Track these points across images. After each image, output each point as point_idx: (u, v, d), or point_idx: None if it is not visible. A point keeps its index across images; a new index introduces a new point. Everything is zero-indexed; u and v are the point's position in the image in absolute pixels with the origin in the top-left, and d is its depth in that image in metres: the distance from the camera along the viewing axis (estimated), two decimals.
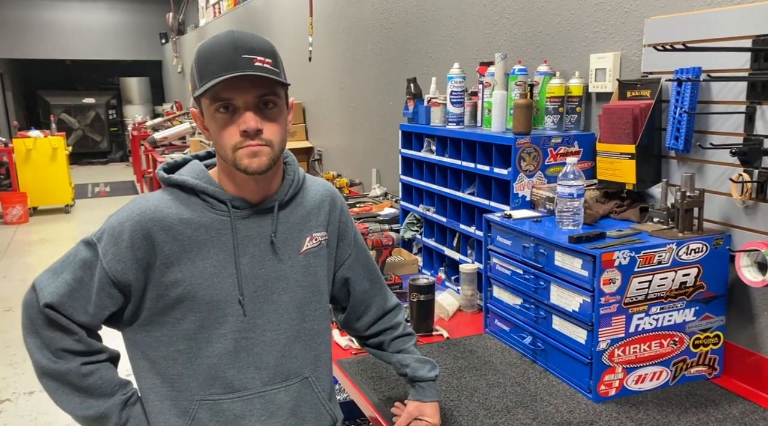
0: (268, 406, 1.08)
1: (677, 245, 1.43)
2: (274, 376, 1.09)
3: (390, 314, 1.31)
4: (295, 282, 1.11)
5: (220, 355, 1.05)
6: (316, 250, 1.15)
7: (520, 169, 1.84)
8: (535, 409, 1.40)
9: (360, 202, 3.11)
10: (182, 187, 1.07)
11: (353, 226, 1.26)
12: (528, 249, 1.62)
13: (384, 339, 1.31)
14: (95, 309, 1.05)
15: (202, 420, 1.05)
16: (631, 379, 1.45)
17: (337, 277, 1.24)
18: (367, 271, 1.27)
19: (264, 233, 1.08)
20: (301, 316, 1.12)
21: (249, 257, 1.07)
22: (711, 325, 1.51)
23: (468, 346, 1.74)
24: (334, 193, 1.22)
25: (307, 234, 1.14)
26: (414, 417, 1.31)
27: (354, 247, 1.24)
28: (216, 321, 1.05)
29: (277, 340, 1.09)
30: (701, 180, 1.54)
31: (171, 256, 1.03)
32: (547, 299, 1.56)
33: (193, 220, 1.04)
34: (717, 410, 1.37)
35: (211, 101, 1.01)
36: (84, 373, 1.06)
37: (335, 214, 1.20)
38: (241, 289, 1.05)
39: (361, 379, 1.55)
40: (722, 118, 1.47)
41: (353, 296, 1.26)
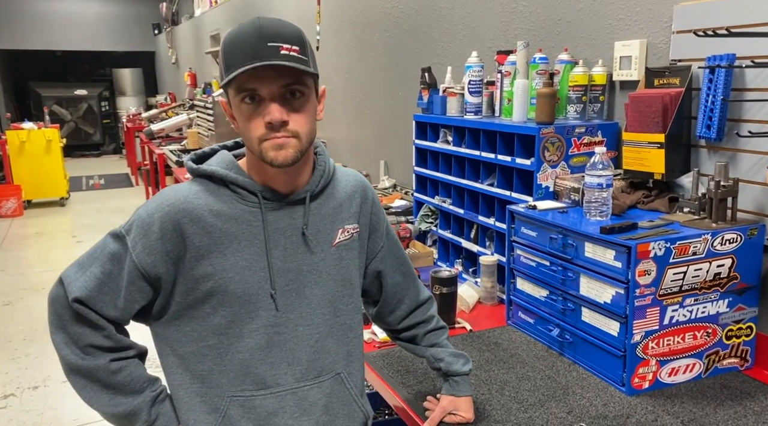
0: (300, 403, 1.05)
1: (712, 236, 1.41)
2: (306, 372, 1.06)
3: (423, 307, 1.28)
4: (328, 275, 1.08)
5: (252, 350, 1.02)
6: (348, 242, 1.11)
7: (544, 160, 1.81)
8: (568, 402, 1.37)
9: None
10: (212, 178, 1.03)
11: (385, 218, 1.23)
12: (555, 240, 1.59)
13: (417, 333, 1.28)
14: (125, 303, 1.01)
15: (233, 417, 1.02)
16: (664, 371, 1.43)
17: (369, 270, 1.21)
18: (399, 264, 1.24)
19: (295, 225, 1.05)
20: (333, 310, 1.09)
21: (281, 250, 1.03)
22: (744, 317, 1.49)
23: (492, 339, 1.71)
24: (366, 184, 1.18)
25: (339, 226, 1.10)
26: (448, 411, 1.29)
27: (386, 239, 1.21)
28: (247, 315, 1.02)
29: (309, 335, 1.06)
30: (734, 169, 1.51)
31: (201, 248, 1.00)
32: (576, 291, 1.53)
33: (223, 211, 1.01)
34: (754, 402, 1.35)
35: (236, 92, 0.97)
36: (113, 370, 1.03)
37: (367, 205, 1.17)
38: (273, 283, 1.02)
39: (388, 373, 1.52)
40: (757, 105, 1.44)
41: (385, 290, 1.23)
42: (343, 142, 4.08)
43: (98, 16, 12.20)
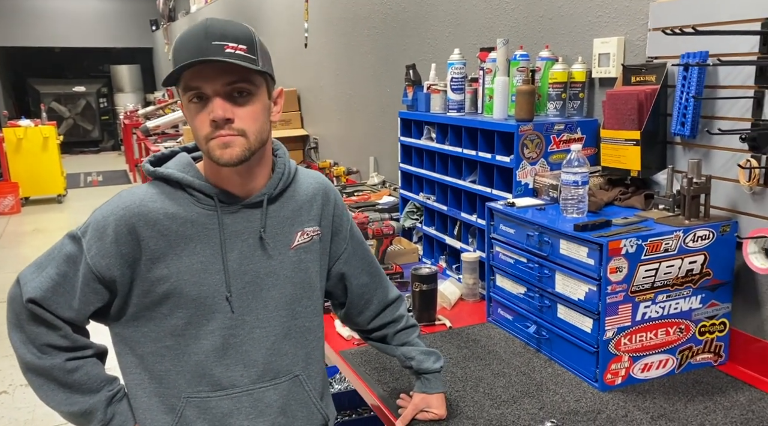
0: (256, 405, 1.05)
1: (684, 232, 1.42)
2: (262, 374, 1.06)
3: (392, 307, 1.28)
4: (285, 278, 1.08)
5: (208, 352, 1.03)
6: (308, 245, 1.11)
7: (523, 157, 1.82)
8: (541, 398, 1.39)
9: (358, 190, 3.09)
10: (168, 181, 1.04)
11: (349, 219, 1.22)
12: (532, 237, 1.60)
13: (387, 332, 1.29)
14: (80, 304, 1.02)
15: (189, 417, 1.03)
16: (637, 367, 1.44)
17: (332, 272, 1.21)
18: (365, 265, 1.24)
19: (253, 228, 1.05)
20: (291, 313, 1.09)
21: (237, 253, 1.04)
22: (717, 313, 1.50)
23: (471, 336, 1.73)
24: (328, 186, 1.18)
25: (298, 229, 1.10)
26: (420, 409, 1.30)
27: (350, 241, 1.21)
28: (203, 317, 1.03)
29: (266, 337, 1.06)
30: (707, 166, 1.52)
31: (157, 251, 1.00)
32: (552, 288, 1.54)
33: (179, 214, 1.01)
34: (724, 398, 1.37)
35: (183, 91, 0.98)
36: (69, 369, 1.04)
37: (329, 208, 1.16)
38: (228, 285, 1.02)
39: (365, 370, 1.53)
40: (729, 103, 1.45)
41: (351, 291, 1.23)
42: (333, 138, 4.09)
43: (96, 13, 12.19)
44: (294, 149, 4.42)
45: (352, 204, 2.78)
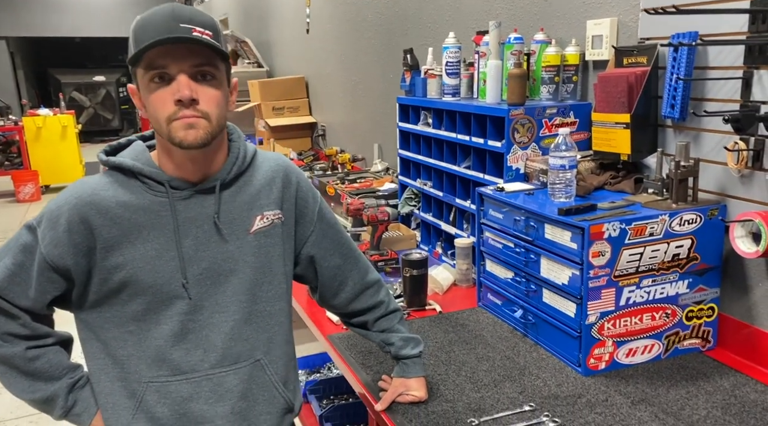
0: (216, 389, 1.07)
1: (670, 216, 1.40)
2: (222, 358, 1.07)
3: (370, 290, 1.28)
4: (245, 263, 1.08)
5: (167, 337, 1.04)
6: (268, 229, 1.11)
7: (514, 141, 1.81)
8: (522, 382, 1.39)
9: (361, 177, 3.09)
10: (121, 169, 1.04)
11: (316, 200, 1.21)
12: (519, 222, 1.59)
13: (367, 319, 1.29)
14: (36, 293, 1.04)
15: (149, 402, 1.05)
16: (621, 352, 1.43)
17: (301, 255, 1.20)
18: (337, 246, 1.23)
19: (207, 214, 1.05)
20: (252, 297, 1.09)
21: (192, 239, 1.04)
22: (705, 298, 1.48)
23: (460, 320, 1.73)
24: (289, 168, 1.17)
25: (256, 213, 1.10)
26: (399, 392, 1.31)
27: (318, 223, 1.20)
28: (162, 304, 1.04)
29: (225, 322, 1.07)
30: (697, 149, 1.49)
31: (110, 240, 1.01)
32: (538, 272, 1.54)
33: (131, 202, 1.02)
34: (708, 383, 1.35)
35: (146, 70, 0.96)
36: (30, 357, 1.06)
37: (290, 190, 1.15)
38: (184, 272, 1.03)
39: (351, 354, 1.55)
40: (719, 84, 1.42)
41: (322, 274, 1.23)
42: (340, 125, 4.10)
43: (116, 3, 12.29)
44: (302, 137, 4.44)
45: (353, 191, 2.79)
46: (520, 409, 1.28)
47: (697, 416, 1.23)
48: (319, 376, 2.36)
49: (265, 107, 4.42)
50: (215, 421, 1.07)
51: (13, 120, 7.69)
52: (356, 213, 2.22)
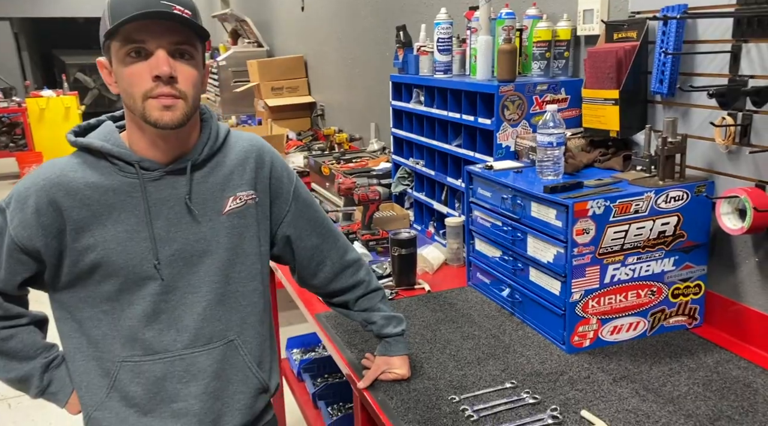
0: (189, 369, 1.07)
1: (656, 194, 1.38)
2: (195, 338, 1.08)
3: (350, 270, 1.28)
4: (218, 244, 1.08)
5: (139, 317, 1.04)
6: (242, 210, 1.10)
7: (504, 119, 1.79)
8: (506, 360, 1.39)
9: (357, 157, 3.08)
10: (90, 150, 1.03)
11: (292, 180, 1.19)
12: (506, 200, 1.58)
13: (348, 298, 1.29)
14: (6, 274, 1.04)
15: (123, 381, 1.06)
16: (606, 330, 1.43)
17: (277, 236, 1.20)
18: (314, 226, 1.23)
19: (179, 195, 1.04)
20: (224, 278, 1.09)
21: (163, 221, 1.04)
22: (692, 275, 1.47)
23: (448, 299, 1.73)
24: (262, 148, 1.15)
25: (230, 194, 1.09)
26: (382, 370, 1.32)
27: (294, 202, 1.19)
28: (135, 285, 1.04)
29: (197, 302, 1.07)
30: (685, 125, 1.47)
31: (80, 221, 1.01)
32: (525, 251, 1.53)
33: (101, 184, 1.01)
34: (691, 360, 1.35)
35: (122, 43, 0.94)
36: (3, 337, 1.08)
37: (264, 171, 1.14)
38: (156, 253, 1.03)
39: (337, 333, 1.56)
40: (708, 58, 1.39)
41: (299, 253, 1.23)
42: (338, 105, 4.07)
43: None
44: (301, 116, 4.42)
45: (347, 170, 2.78)
46: (502, 386, 1.29)
47: (678, 392, 1.23)
48: (314, 354, 2.38)
49: (264, 87, 4.39)
50: (188, 400, 1.09)
51: (17, 101, 7.70)
52: (347, 192, 2.21)
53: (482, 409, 1.21)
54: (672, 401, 1.20)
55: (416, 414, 1.21)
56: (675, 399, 1.21)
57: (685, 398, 1.21)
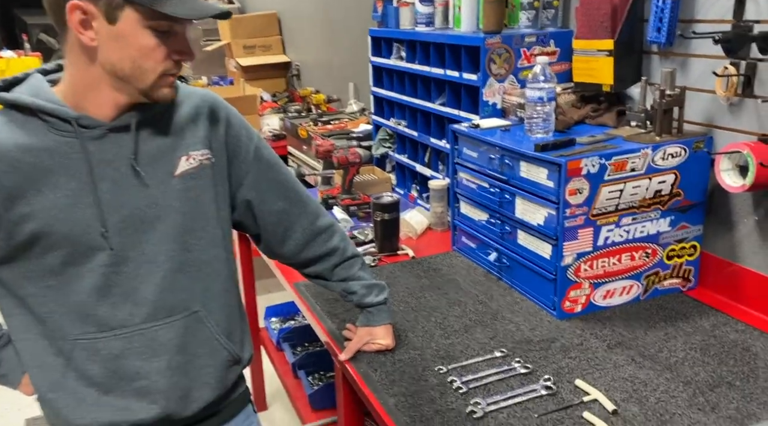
0: (150, 344, 0.99)
1: (653, 150, 1.30)
2: (154, 311, 0.99)
3: (323, 236, 1.18)
4: (172, 209, 0.98)
5: (89, 291, 0.95)
6: (196, 171, 1.00)
7: (490, 73, 1.68)
8: (494, 327, 1.33)
9: (335, 118, 2.96)
10: (18, 107, 0.92)
11: (252, 139, 1.09)
12: (494, 160, 1.49)
13: (323, 267, 1.20)
14: None
15: (78, 359, 0.97)
16: (598, 294, 1.37)
17: (237, 200, 1.10)
18: (280, 189, 1.12)
19: (124, 155, 0.94)
20: (182, 245, 1.00)
21: (109, 184, 0.94)
22: (687, 236, 1.41)
23: (433, 265, 1.66)
24: (216, 103, 1.05)
25: (181, 153, 0.99)
26: (365, 341, 1.25)
27: (255, 163, 1.09)
28: (82, 256, 0.94)
29: (155, 272, 0.98)
30: (684, 76, 1.38)
31: (12, 188, 0.90)
32: (513, 213, 1.45)
33: (32, 145, 0.90)
34: (687, 323, 1.30)
35: (151, 15, 0.87)
36: None
37: (218, 128, 1.04)
38: (103, 220, 0.93)
39: (317, 302, 1.48)
40: (709, 2, 1.29)
41: (262, 219, 1.12)
42: (315, 65, 3.90)
43: None
44: (275, 77, 4.24)
45: (325, 132, 2.66)
46: (491, 355, 1.22)
47: (675, 358, 1.18)
48: (294, 323, 2.31)
49: (236, 46, 4.19)
50: (151, 377, 1.00)
51: None
52: (326, 155, 2.10)
53: (471, 380, 1.14)
54: (669, 368, 1.15)
55: (401, 386, 1.14)
56: (672, 365, 1.15)
57: (682, 364, 1.16)
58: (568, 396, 1.08)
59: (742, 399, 1.04)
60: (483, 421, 1.03)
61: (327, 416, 1.85)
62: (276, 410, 2.44)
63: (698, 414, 1.01)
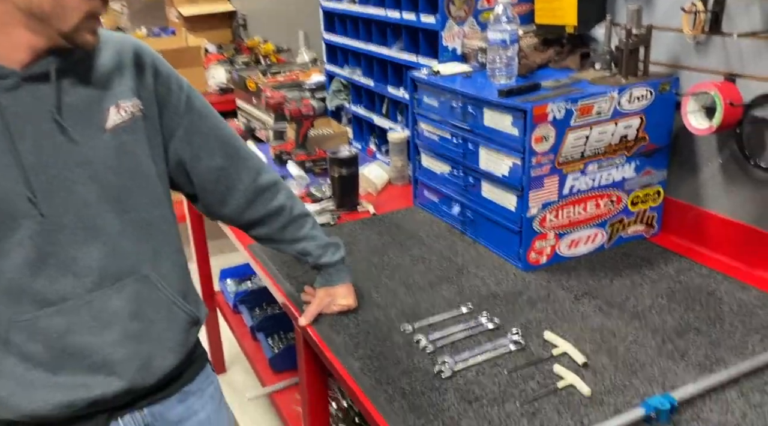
0: (99, 316, 0.90)
1: (619, 92, 1.25)
2: (99, 280, 0.89)
3: (266, 194, 1.08)
4: (106, 167, 0.87)
5: (21, 267, 0.84)
6: (129, 124, 0.89)
7: (449, 16, 1.58)
8: (460, 283, 1.28)
9: (286, 69, 2.80)
10: None
11: (182, 88, 0.98)
12: (455, 109, 1.42)
13: (271, 228, 1.11)
14: None
15: (17, 342, 0.87)
16: (563, 244, 1.34)
17: (170, 155, 0.99)
18: (217, 144, 1.02)
19: (44, 108, 0.83)
20: (121, 206, 0.90)
21: (31, 142, 0.82)
22: (651, 181, 1.38)
23: (395, 221, 1.59)
24: (139, 49, 0.94)
25: (110, 104, 0.88)
26: (325, 303, 1.18)
27: (186, 114, 0.98)
28: (6, 227, 0.83)
29: (94, 238, 0.88)
30: (649, 14, 1.32)
31: None
32: (476, 165, 1.39)
33: None
34: (652, 270, 1.29)
35: None
36: None
37: (146, 75, 0.93)
38: (28, 184, 0.82)
39: (273, 264, 1.40)
40: None
41: (198, 177, 1.02)
42: (263, 14, 3.68)
43: None
44: (220, 27, 4.00)
45: (276, 84, 2.52)
46: (458, 311, 1.18)
47: (642, 306, 1.16)
48: (251, 285, 2.22)
49: None
50: (105, 350, 0.91)
51: None
52: (277, 107, 1.98)
53: (438, 338, 1.10)
54: (637, 316, 1.13)
55: (366, 349, 1.09)
56: (640, 313, 1.14)
57: (650, 312, 1.14)
58: (538, 350, 1.06)
59: (710, 345, 1.04)
60: (452, 381, 0.99)
61: (288, 378, 1.80)
62: (235, 373, 2.39)
63: (668, 362, 1.00)
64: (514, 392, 0.96)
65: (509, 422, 0.90)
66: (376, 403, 0.96)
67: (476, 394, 0.96)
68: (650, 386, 0.95)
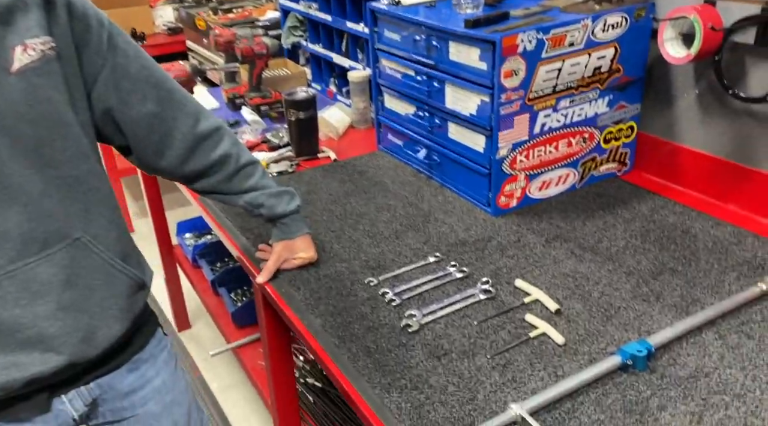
0: (27, 286, 0.80)
1: (592, 20, 1.16)
2: (24, 247, 0.79)
3: (208, 142, 0.98)
4: (17, 116, 0.75)
5: None
6: (40, 65, 0.76)
7: None
8: (427, 231, 1.22)
9: (238, 6, 2.60)
10: None
11: (102, 24, 0.85)
12: (419, 43, 1.30)
13: (216, 180, 1.01)
14: None
15: None
16: (534, 186, 1.28)
17: (94, 102, 0.87)
18: (147, 87, 0.90)
19: None
20: (42, 161, 0.78)
21: None
22: (625, 116, 1.31)
23: (358, 167, 1.50)
24: None
25: (14, 43, 0.75)
26: (284, 258, 1.10)
27: (110, 54, 0.85)
28: None
29: (13, 200, 0.77)
30: None
31: None
32: (443, 104, 1.30)
33: None
34: (625, 210, 1.24)
35: None
36: None
37: (57, 9, 0.79)
38: None
39: (226, 217, 1.31)
40: None
41: (128, 126, 0.90)
42: None
43: None
44: None
45: (227, 22, 2.34)
46: (425, 261, 1.12)
47: (615, 248, 1.12)
48: (210, 238, 2.13)
49: None
50: (37, 324, 0.82)
51: None
52: (227, 47, 1.83)
53: (405, 290, 1.04)
54: (611, 258, 1.09)
55: (328, 305, 1.02)
56: (613, 255, 1.09)
57: (624, 253, 1.10)
58: (509, 298, 1.01)
59: (686, 285, 1.00)
60: (419, 335, 0.94)
61: (253, 332, 1.74)
62: (200, 328, 2.32)
63: (643, 305, 0.96)
64: (485, 344, 0.91)
65: (480, 376, 0.85)
66: (339, 363, 0.90)
67: (445, 348, 0.91)
68: (625, 332, 0.91)
